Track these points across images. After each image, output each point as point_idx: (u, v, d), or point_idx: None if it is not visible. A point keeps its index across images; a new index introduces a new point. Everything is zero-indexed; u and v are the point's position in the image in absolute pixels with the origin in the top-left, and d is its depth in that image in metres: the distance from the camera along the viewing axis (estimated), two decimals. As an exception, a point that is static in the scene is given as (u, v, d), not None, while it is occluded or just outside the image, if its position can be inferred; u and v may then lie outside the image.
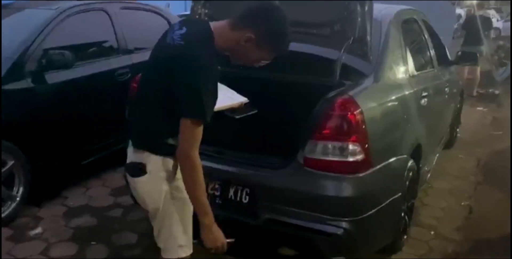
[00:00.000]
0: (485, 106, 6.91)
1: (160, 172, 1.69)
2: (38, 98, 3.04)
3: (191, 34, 1.57)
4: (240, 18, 1.59)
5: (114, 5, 3.84)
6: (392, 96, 2.43)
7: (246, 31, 1.56)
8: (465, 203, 3.51)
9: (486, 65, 8.56)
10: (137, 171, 1.70)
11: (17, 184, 2.95)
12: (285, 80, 2.56)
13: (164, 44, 1.62)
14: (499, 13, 25.71)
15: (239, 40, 1.57)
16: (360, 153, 2.07)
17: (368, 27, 2.36)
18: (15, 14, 3.60)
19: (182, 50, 1.52)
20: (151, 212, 1.77)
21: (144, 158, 1.68)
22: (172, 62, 1.52)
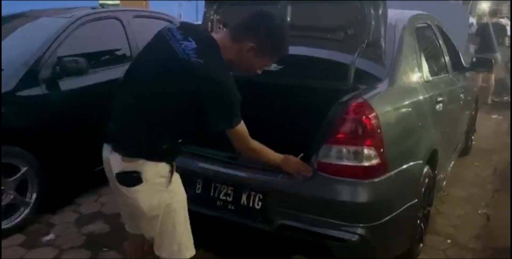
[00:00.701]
0: (500, 114, 6.81)
1: (157, 178, 1.69)
2: (52, 105, 3.07)
3: (204, 49, 1.62)
4: (239, 30, 1.69)
5: (127, 14, 3.89)
6: (407, 100, 2.39)
7: (247, 42, 1.66)
8: (482, 211, 3.43)
9: (500, 73, 8.46)
10: (133, 180, 1.66)
11: (30, 190, 2.97)
12: (299, 85, 2.54)
13: (176, 58, 1.60)
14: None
15: (241, 50, 1.67)
16: (376, 157, 2.03)
17: (382, 31, 2.34)
18: (31, 22, 3.66)
19: (205, 70, 1.57)
20: (148, 221, 1.75)
21: (139, 166, 1.65)
22: (195, 80, 1.57)
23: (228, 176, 2.29)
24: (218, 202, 2.32)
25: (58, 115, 3.09)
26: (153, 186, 1.69)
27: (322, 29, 2.55)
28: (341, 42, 2.50)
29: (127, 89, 1.75)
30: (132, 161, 1.66)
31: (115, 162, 1.70)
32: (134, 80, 1.73)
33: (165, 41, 1.66)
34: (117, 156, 1.68)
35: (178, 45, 1.62)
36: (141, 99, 1.66)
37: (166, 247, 1.80)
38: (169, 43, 1.64)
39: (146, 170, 1.66)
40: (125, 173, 1.67)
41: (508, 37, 8.43)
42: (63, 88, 3.15)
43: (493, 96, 7.68)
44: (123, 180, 1.68)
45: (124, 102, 1.73)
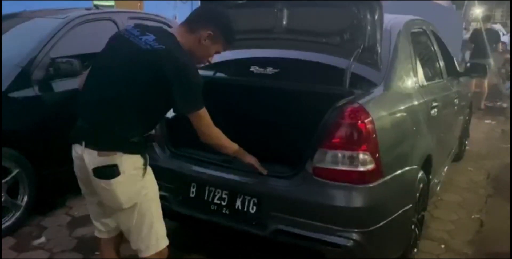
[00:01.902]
0: (493, 119, 6.86)
1: (133, 170, 1.78)
2: (45, 106, 3.04)
3: (164, 39, 1.76)
4: (195, 21, 1.86)
5: (122, 15, 3.87)
6: (402, 105, 2.39)
7: (205, 30, 1.83)
8: (476, 216, 3.44)
9: (493, 78, 8.53)
10: (111, 173, 1.73)
11: (21, 193, 2.93)
12: (294, 89, 2.53)
13: (139, 50, 1.72)
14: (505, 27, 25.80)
15: (199, 39, 1.83)
16: (371, 162, 2.02)
17: (378, 36, 2.34)
18: (24, 23, 3.62)
19: (169, 54, 1.70)
20: (126, 212, 1.83)
21: (115, 159, 1.73)
22: (159, 64, 1.68)
23: (222, 180, 2.28)
24: (213, 206, 2.30)
25: (51, 116, 3.06)
26: (130, 177, 1.77)
27: (318, 33, 2.55)
28: (337, 46, 2.49)
29: (94, 87, 1.83)
30: (109, 154, 1.73)
31: (90, 158, 1.76)
32: (101, 77, 1.82)
33: (124, 39, 1.80)
34: (92, 152, 1.75)
35: (138, 40, 1.76)
36: (112, 94, 1.74)
37: (144, 240, 1.88)
38: (129, 40, 1.78)
39: (122, 162, 1.74)
40: (103, 167, 1.73)
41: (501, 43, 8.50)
42: (56, 89, 3.12)
43: (486, 101, 7.74)
44: (101, 173, 1.74)
45: (94, 98, 1.80)
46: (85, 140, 1.77)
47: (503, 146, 5.36)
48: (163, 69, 1.68)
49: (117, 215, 1.89)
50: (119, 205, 1.81)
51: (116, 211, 1.87)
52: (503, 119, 6.95)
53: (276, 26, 2.62)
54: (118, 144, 1.74)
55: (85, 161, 1.77)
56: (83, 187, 1.98)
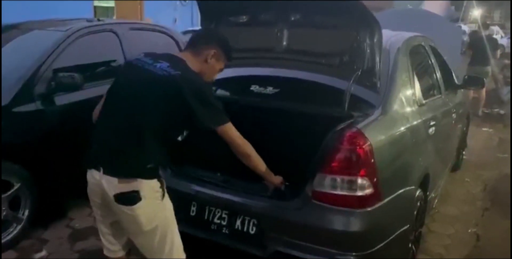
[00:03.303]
0: (490, 127, 6.88)
1: (153, 194, 1.85)
2: (47, 120, 3.05)
3: (176, 65, 1.86)
4: (199, 44, 1.99)
5: (122, 26, 3.88)
6: (400, 128, 2.42)
7: (209, 50, 1.97)
8: (473, 230, 3.47)
9: (491, 84, 8.57)
10: (133, 199, 1.79)
11: (23, 206, 2.95)
12: (294, 110, 2.56)
13: (156, 77, 1.81)
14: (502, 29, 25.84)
15: (206, 59, 1.97)
16: (369, 187, 2.06)
17: (377, 58, 2.37)
18: (25, 35, 3.63)
19: (186, 77, 1.81)
20: (147, 235, 1.88)
21: (136, 185, 1.79)
22: (178, 89, 1.76)
23: (222, 200, 2.31)
24: (213, 225, 2.33)
25: (53, 130, 3.08)
26: (151, 201, 1.84)
27: (318, 54, 2.58)
28: (337, 67, 2.52)
29: (112, 114, 1.89)
30: (129, 181, 1.79)
31: (110, 185, 1.81)
32: (118, 105, 1.88)
33: (138, 67, 1.89)
34: (112, 179, 1.80)
35: (154, 67, 1.84)
36: (132, 121, 1.81)
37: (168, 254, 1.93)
38: (144, 68, 1.86)
39: (143, 188, 1.80)
40: (125, 193, 1.79)
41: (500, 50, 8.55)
42: (58, 103, 3.14)
43: (484, 107, 7.76)
44: (124, 200, 1.80)
45: (112, 126, 1.86)
46: (103, 166, 1.82)
47: (501, 155, 5.40)
48: (182, 93, 1.76)
49: (138, 237, 1.94)
50: (142, 229, 1.86)
51: (137, 234, 1.92)
52: (501, 126, 6.98)
53: (276, 45, 2.66)
54: (138, 171, 1.80)
55: (104, 187, 1.82)
56: (97, 210, 2.02)
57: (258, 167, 2.06)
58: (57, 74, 3.08)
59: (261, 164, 2.05)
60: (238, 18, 2.76)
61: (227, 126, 1.88)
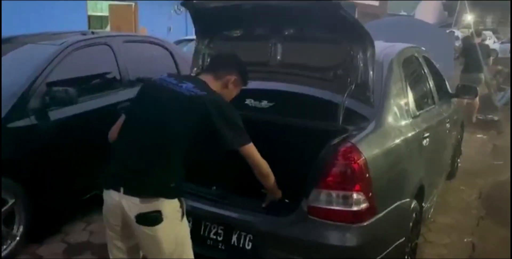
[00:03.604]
0: (485, 134, 6.92)
1: (174, 213, 1.85)
2: (41, 135, 3.04)
3: (202, 86, 1.90)
4: (220, 69, 2.03)
5: (117, 39, 3.89)
6: (394, 141, 2.43)
7: (230, 76, 2.02)
8: (468, 240, 3.48)
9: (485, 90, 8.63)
10: (155, 219, 1.79)
11: (17, 222, 2.93)
12: (289, 124, 2.57)
13: (183, 96, 1.84)
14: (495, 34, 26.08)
15: (226, 84, 2.02)
16: (364, 201, 2.06)
17: (371, 72, 2.39)
18: (19, 49, 3.62)
19: (212, 98, 1.86)
20: (166, 256, 1.86)
21: (159, 205, 1.78)
22: (205, 108, 1.80)
23: (218, 215, 2.31)
24: (209, 240, 2.33)
25: (47, 145, 3.07)
26: (172, 221, 1.83)
27: (312, 68, 2.60)
28: (331, 81, 2.54)
29: (134, 133, 1.89)
30: (151, 201, 1.78)
31: (132, 205, 1.80)
32: (142, 124, 1.88)
33: (163, 87, 1.92)
34: (133, 198, 1.79)
35: (179, 87, 1.88)
36: (157, 140, 1.82)
37: None
38: (169, 88, 1.89)
39: (165, 207, 1.80)
40: (147, 213, 1.78)
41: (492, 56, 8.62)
42: (53, 117, 3.13)
43: (478, 114, 7.81)
44: (146, 220, 1.79)
45: (135, 145, 1.86)
46: (124, 186, 1.80)
47: (495, 162, 5.43)
48: (209, 113, 1.79)
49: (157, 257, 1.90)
50: (162, 250, 1.85)
51: (156, 255, 1.89)
52: (495, 133, 7.03)
53: (271, 59, 2.67)
54: (161, 190, 1.80)
55: (124, 207, 1.80)
56: (113, 234, 1.96)
57: (272, 184, 2.08)
58: (51, 89, 3.08)
59: (273, 181, 2.08)
60: (232, 32, 2.77)
61: (250, 146, 1.91)
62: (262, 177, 2.02)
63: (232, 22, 2.71)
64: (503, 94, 9.08)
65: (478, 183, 4.71)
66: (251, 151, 1.92)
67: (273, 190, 2.13)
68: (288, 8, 2.40)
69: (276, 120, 2.59)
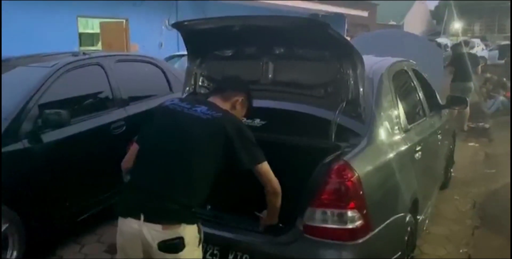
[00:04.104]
0: (476, 142, 6.98)
1: (194, 239, 1.86)
2: (34, 158, 3.03)
3: (216, 108, 1.97)
4: (226, 91, 2.10)
5: (109, 59, 3.90)
6: (387, 156, 2.45)
7: (238, 97, 2.10)
8: (464, 250, 3.49)
9: (475, 98, 8.74)
10: (178, 246, 1.78)
11: (11, 247, 2.90)
12: (282, 142, 2.59)
13: (201, 120, 1.89)
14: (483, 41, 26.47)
15: (234, 105, 2.09)
16: (359, 218, 2.07)
17: (361, 89, 2.42)
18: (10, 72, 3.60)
19: (229, 119, 1.93)
20: None
21: (181, 231, 1.78)
22: (224, 129, 1.86)
23: (214, 236, 2.29)
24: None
25: (40, 168, 3.06)
26: (193, 247, 1.85)
27: (303, 86, 2.63)
28: (322, 99, 2.57)
29: (153, 160, 1.90)
30: (174, 227, 1.78)
31: (154, 232, 1.78)
32: (161, 150, 1.89)
33: (177, 111, 1.96)
34: (155, 226, 1.77)
35: (194, 111, 1.93)
36: (179, 164, 1.83)
37: None
38: (184, 112, 1.94)
39: (187, 233, 1.81)
40: (168, 241, 1.77)
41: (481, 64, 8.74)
42: (45, 140, 3.12)
43: (469, 122, 7.88)
44: (169, 247, 1.78)
45: (155, 171, 1.86)
46: (145, 213, 1.78)
47: (487, 171, 5.47)
48: (227, 133, 1.86)
49: None
50: None
51: None
52: (486, 141, 7.09)
53: (262, 78, 2.70)
54: (184, 215, 1.82)
55: (145, 236, 1.77)
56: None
57: (278, 204, 2.07)
58: (44, 112, 3.07)
59: (280, 203, 2.07)
60: (224, 52, 2.80)
61: (266, 164, 1.94)
62: (274, 196, 2.01)
63: (223, 42, 2.74)
64: (493, 101, 9.19)
65: (471, 192, 4.74)
66: (267, 169, 1.95)
67: (275, 213, 2.11)
68: (278, 28, 2.44)
69: (269, 139, 2.60)
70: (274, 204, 2.05)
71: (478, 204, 4.44)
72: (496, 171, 5.38)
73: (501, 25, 37.06)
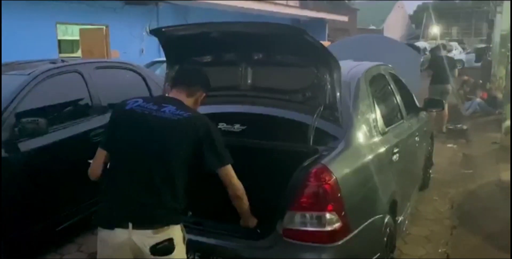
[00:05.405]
0: (454, 143, 7.11)
1: (181, 238, 1.89)
2: (11, 168, 2.97)
3: (182, 107, 1.95)
4: (191, 86, 2.07)
5: (88, 66, 3.88)
6: (364, 159, 2.50)
7: (200, 92, 2.10)
8: (442, 250, 3.55)
9: (453, 100, 8.92)
10: (170, 247, 1.83)
11: (-12, 259, 2.85)
12: (262, 147, 2.61)
13: (171, 121, 1.87)
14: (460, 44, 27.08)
15: (198, 100, 2.10)
16: (337, 221, 2.11)
17: (338, 93, 2.46)
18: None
19: (198, 118, 1.93)
20: None
21: (170, 233, 1.82)
22: (195, 129, 1.86)
23: (194, 242, 2.29)
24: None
25: (18, 178, 3.01)
26: (181, 246, 1.90)
27: (281, 91, 2.66)
28: (300, 103, 2.61)
29: (130, 167, 1.88)
30: (164, 230, 1.81)
31: (144, 238, 1.80)
32: (136, 157, 1.87)
33: (146, 115, 1.91)
34: (145, 232, 1.79)
35: (162, 113, 1.90)
36: (159, 168, 1.84)
37: None
38: (153, 115, 1.90)
39: (175, 234, 1.85)
40: (160, 244, 1.81)
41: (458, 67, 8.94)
42: (23, 149, 3.08)
43: (447, 123, 8.03)
44: (161, 250, 1.81)
45: (133, 179, 1.85)
46: (133, 221, 1.79)
47: (465, 171, 5.58)
48: (198, 133, 1.87)
49: None
50: None
51: None
52: (464, 142, 7.24)
53: (241, 83, 2.73)
54: (172, 217, 1.86)
55: (136, 243, 1.79)
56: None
57: (245, 208, 2.11)
58: (21, 120, 3.03)
59: (247, 205, 2.11)
60: (202, 58, 2.81)
61: (230, 167, 1.95)
62: (237, 199, 2.04)
63: (201, 49, 2.76)
64: (470, 103, 9.39)
65: (450, 192, 4.83)
66: (231, 171, 1.96)
67: (246, 216, 2.15)
68: (256, 34, 2.47)
69: (248, 144, 2.63)
70: (240, 207, 2.08)
71: (456, 204, 4.53)
72: (473, 172, 5.50)
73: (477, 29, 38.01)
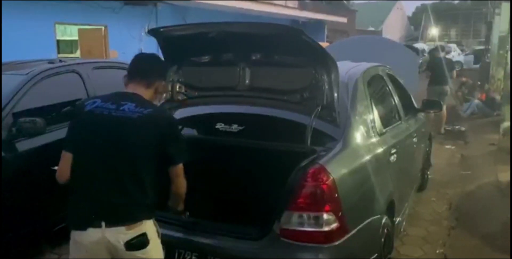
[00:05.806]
0: (453, 144, 7.12)
1: (154, 232, 1.93)
2: (9, 168, 2.97)
3: (141, 103, 1.91)
4: (149, 77, 2.01)
5: (85, 66, 3.88)
6: (362, 159, 2.50)
7: (159, 82, 2.05)
8: (440, 251, 3.55)
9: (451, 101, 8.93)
10: (144, 241, 1.86)
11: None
12: (259, 147, 2.61)
13: (132, 119, 1.84)
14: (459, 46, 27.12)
15: (156, 90, 2.05)
16: (335, 221, 2.10)
17: (335, 94, 2.47)
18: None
19: (159, 114, 1.94)
20: None
21: (143, 228, 1.85)
22: (157, 125, 1.87)
23: (191, 243, 2.30)
24: (183, 268, 2.31)
25: (16, 177, 3.00)
26: (155, 240, 1.94)
27: (279, 91, 2.66)
28: (298, 104, 2.61)
29: (97, 167, 1.87)
30: (136, 225, 1.85)
31: (118, 235, 1.83)
32: (101, 157, 1.86)
33: (105, 115, 1.88)
34: (119, 229, 1.83)
35: (122, 112, 1.86)
36: (125, 167, 1.85)
37: None
38: (113, 115, 1.87)
39: (148, 229, 1.89)
40: (134, 239, 1.84)
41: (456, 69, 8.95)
42: (20, 149, 3.08)
43: (445, 125, 8.04)
44: (136, 245, 1.85)
45: (101, 178, 1.85)
46: (106, 220, 1.81)
47: (463, 173, 5.58)
48: (160, 129, 1.88)
49: None
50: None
51: None
52: (462, 143, 7.25)
53: (239, 84, 2.73)
54: (144, 212, 1.89)
55: (110, 241, 1.82)
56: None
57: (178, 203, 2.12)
58: (18, 120, 3.03)
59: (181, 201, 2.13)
60: (200, 58, 2.82)
61: (181, 166, 1.96)
62: (181, 198, 2.07)
63: (199, 49, 2.76)
64: (468, 105, 9.41)
65: (448, 193, 4.83)
66: (182, 169, 1.97)
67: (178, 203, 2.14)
68: (254, 34, 2.47)
69: (246, 144, 2.63)
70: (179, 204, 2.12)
71: (454, 205, 4.53)
72: (471, 173, 5.51)
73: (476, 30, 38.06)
